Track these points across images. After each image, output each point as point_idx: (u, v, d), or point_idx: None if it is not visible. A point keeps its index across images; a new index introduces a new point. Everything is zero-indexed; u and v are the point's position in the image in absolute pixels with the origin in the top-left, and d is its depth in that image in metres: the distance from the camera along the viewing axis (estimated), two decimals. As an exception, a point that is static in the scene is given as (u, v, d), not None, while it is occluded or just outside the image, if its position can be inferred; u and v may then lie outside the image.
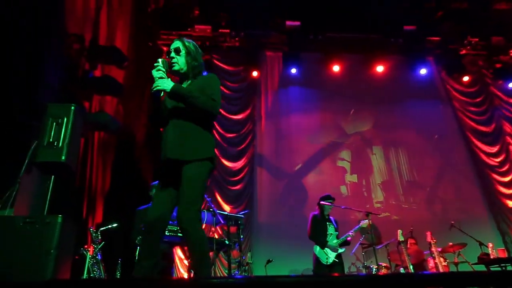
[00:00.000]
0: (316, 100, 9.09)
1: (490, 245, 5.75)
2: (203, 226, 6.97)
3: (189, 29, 8.68)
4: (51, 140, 3.08)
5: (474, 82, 9.42)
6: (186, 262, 6.61)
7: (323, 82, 9.17)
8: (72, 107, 3.23)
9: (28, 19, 4.08)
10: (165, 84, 2.60)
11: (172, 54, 2.80)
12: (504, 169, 8.58)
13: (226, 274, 6.37)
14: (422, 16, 8.84)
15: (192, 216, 2.49)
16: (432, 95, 9.36)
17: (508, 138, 8.90)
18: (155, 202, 2.62)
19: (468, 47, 9.37)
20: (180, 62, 2.80)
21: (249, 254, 6.34)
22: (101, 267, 4.27)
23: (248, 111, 8.67)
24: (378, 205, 8.17)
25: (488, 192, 8.35)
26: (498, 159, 8.66)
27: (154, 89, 2.60)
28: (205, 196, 4.75)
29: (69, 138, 3.12)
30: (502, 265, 5.70)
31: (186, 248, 4.92)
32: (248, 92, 8.90)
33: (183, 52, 2.80)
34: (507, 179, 8.47)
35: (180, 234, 3.95)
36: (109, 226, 4.70)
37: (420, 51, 9.23)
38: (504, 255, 6.01)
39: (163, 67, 2.69)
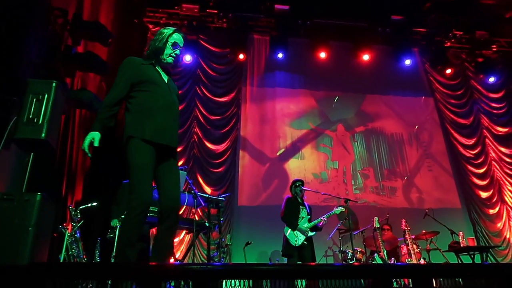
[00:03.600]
0: (301, 86, 9.13)
1: (461, 234, 5.98)
2: (184, 208, 7.07)
3: (176, 8, 8.52)
4: (31, 116, 3.03)
5: (456, 75, 9.59)
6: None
7: (309, 68, 9.20)
8: (54, 84, 3.18)
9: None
10: None
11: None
12: (479, 161, 8.85)
13: (205, 256, 6.48)
14: (410, 6, 8.89)
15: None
16: (415, 86, 9.52)
17: (485, 131, 9.16)
18: (147, 182, 2.60)
19: (453, 40, 9.50)
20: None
21: (228, 236, 6.45)
22: (80, 246, 4.28)
23: (233, 94, 8.64)
24: (357, 191, 8.34)
25: (463, 182, 8.62)
26: (474, 151, 8.92)
27: None
28: (187, 177, 4.78)
29: (50, 115, 3.08)
30: (470, 253, 5.96)
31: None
32: (233, 75, 8.85)
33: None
34: (481, 170, 8.75)
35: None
36: (89, 205, 4.69)
37: (406, 42, 9.32)
38: (473, 244, 6.28)
39: None
